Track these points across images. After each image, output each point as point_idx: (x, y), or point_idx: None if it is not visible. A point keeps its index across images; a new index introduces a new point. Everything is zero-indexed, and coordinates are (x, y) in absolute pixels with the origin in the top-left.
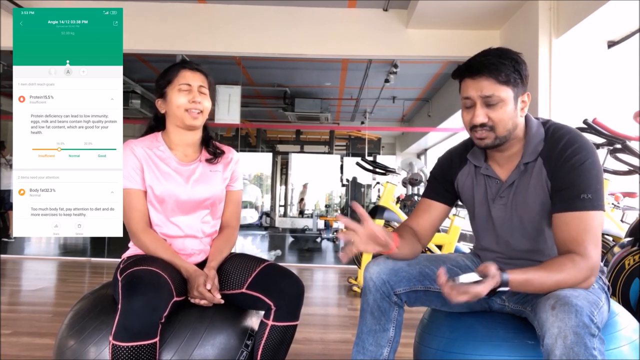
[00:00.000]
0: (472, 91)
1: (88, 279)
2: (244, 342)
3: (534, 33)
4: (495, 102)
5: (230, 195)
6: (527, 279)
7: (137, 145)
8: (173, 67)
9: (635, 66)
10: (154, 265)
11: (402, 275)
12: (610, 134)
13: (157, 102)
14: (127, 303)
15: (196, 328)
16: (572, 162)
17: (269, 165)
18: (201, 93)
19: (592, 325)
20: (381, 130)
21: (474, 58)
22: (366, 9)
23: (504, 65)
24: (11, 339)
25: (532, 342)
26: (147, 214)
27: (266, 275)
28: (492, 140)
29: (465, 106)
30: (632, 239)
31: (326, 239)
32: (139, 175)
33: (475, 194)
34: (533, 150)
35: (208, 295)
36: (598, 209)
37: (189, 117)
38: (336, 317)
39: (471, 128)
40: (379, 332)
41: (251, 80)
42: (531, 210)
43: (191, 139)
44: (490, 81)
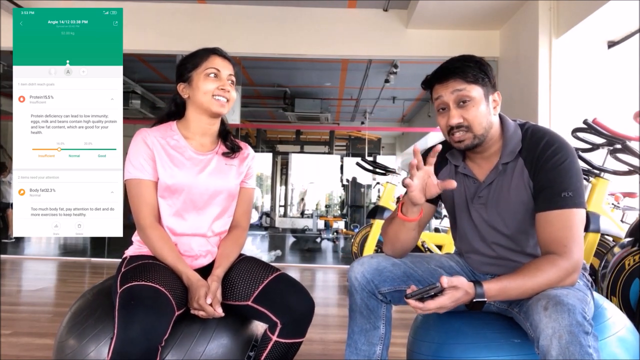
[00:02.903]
0: (442, 92)
1: (88, 279)
2: (247, 353)
3: (534, 33)
4: (467, 101)
5: (243, 193)
6: (503, 287)
7: (149, 134)
8: (202, 51)
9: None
10: (155, 277)
11: (386, 275)
12: (610, 134)
13: (180, 87)
14: (123, 330)
15: (199, 339)
16: (552, 162)
17: (269, 166)
18: (230, 82)
19: (585, 322)
20: (381, 130)
21: (440, 66)
22: (366, 9)
23: (469, 66)
24: (11, 339)
25: (518, 341)
26: (157, 207)
27: (274, 289)
28: (471, 141)
29: (439, 110)
30: (632, 239)
31: (326, 239)
32: (151, 165)
33: (455, 193)
34: (511, 151)
35: (209, 310)
36: (579, 206)
37: (216, 103)
38: (336, 317)
39: (449, 132)
40: (370, 331)
41: (251, 80)
42: (512, 210)
43: (210, 128)
44: (458, 81)
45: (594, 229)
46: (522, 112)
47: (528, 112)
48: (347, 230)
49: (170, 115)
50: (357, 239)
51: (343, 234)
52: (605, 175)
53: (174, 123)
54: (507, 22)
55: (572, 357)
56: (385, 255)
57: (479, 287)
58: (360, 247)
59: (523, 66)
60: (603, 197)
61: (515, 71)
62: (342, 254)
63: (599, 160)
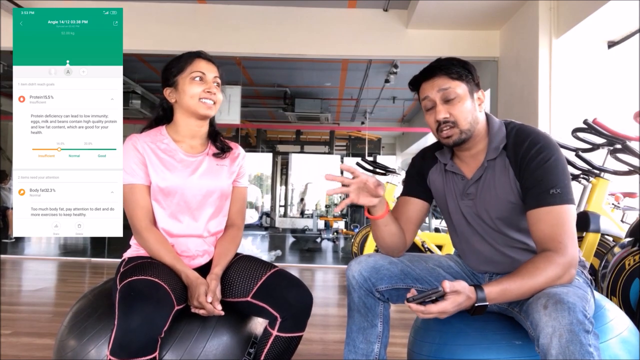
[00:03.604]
0: (429, 91)
1: (88, 279)
2: (246, 350)
3: (534, 33)
4: (453, 97)
5: (236, 192)
6: (504, 289)
7: (139, 139)
8: (186, 54)
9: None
10: (154, 273)
11: (384, 273)
12: (610, 134)
13: (166, 92)
14: (123, 320)
15: (199, 336)
16: (537, 160)
17: (269, 166)
18: (215, 85)
19: (585, 321)
20: (381, 130)
21: (426, 67)
22: (366, 9)
23: (453, 65)
24: (11, 339)
25: (519, 343)
26: (152, 210)
27: (273, 284)
28: (458, 136)
29: (426, 109)
30: (632, 239)
31: (326, 239)
32: (142, 169)
33: (446, 191)
34: (496, 147)
35: (208, 307)
36: (569, 202)
37: (203, 106)
38: (336, 317)
39: (437, 129)
40: (367, 329)
41: (251, 80)
42: (499, 206)
43: (199, 131)
44: (444, 78)
45: (594, 229)
46: (522, 112)
47: (528, 112)
48: (347, 230)
49: (158, 120)
50: (357, 239)
51: (343, 234)
52: (605, 175)
53: (164, 127)
54: (507, 22)
55: (572, 356)
56: (382, 254)
57: (480, 292)
58: (360, 247)
59: (523, 66)
60: (603, 197)
61: (515, 71)
62: (342, 254)
63: (599, 160)
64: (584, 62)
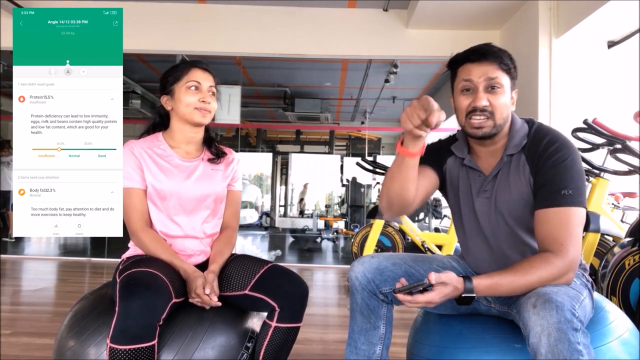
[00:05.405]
0: (475, 74)
1: (88, 279)
2: (244, 344)
3: (534, 33)
4: (497, 87)
5: (231, 195)
6: (494, 282)
7: (136, 145)
8: (183, 64)
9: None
10: (153, 266)
11: (387, 274)
12: (610, 134)
13: (163, 99)
14: (124, 305)
15: (196, 330)
16: (553, 160)
17: (269, 166)
18: (211, 94)
19: (574, 319)
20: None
21: (474, 47)
22: (366, 9)
23: (505, 54)
24: (11, 339)
25: (518, 346)
26: (147, 213)
27: (269, 276)
28: (490, 129)
29: (463, 90)
30: (632, 239)
31: (326, 239)
32: (139, 174)
33: (460, 185)
34: (517, 144)
35: (205, 299)
36: (579, 205)
37: (198, 114)
38: (336, 317)
39: (468, 114)
40: (370, 331)
41: (251, 80)
42: (513, 204)
43: (194, 137)
44: (494, 66)
45: (594, 229)
46: (522, 112)
47: (528, 112)
48: (347, 230)
49: (155, 126)
50: (357, 238)
51: (343, 234)
52: (605, 175)
53: (160, 134)
54: (507, 22)
55: (561, 354)
56: (386, 255)
57: (468, 282)
58: (360, 247)
59: (523, 66)
60: (603, 197)
61: None
62: (342, 253)
63: (599, 160)
64: (584, 62)
